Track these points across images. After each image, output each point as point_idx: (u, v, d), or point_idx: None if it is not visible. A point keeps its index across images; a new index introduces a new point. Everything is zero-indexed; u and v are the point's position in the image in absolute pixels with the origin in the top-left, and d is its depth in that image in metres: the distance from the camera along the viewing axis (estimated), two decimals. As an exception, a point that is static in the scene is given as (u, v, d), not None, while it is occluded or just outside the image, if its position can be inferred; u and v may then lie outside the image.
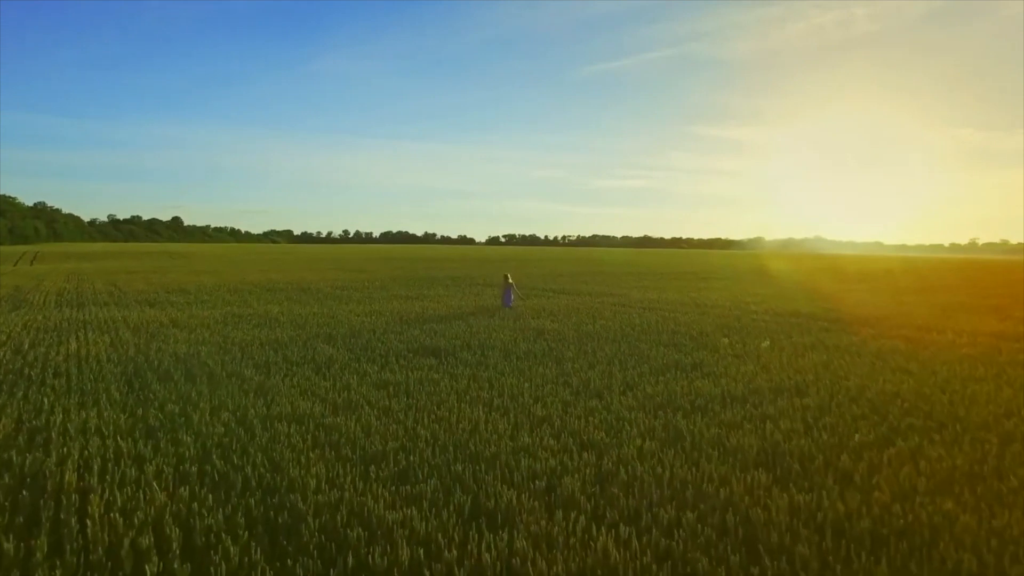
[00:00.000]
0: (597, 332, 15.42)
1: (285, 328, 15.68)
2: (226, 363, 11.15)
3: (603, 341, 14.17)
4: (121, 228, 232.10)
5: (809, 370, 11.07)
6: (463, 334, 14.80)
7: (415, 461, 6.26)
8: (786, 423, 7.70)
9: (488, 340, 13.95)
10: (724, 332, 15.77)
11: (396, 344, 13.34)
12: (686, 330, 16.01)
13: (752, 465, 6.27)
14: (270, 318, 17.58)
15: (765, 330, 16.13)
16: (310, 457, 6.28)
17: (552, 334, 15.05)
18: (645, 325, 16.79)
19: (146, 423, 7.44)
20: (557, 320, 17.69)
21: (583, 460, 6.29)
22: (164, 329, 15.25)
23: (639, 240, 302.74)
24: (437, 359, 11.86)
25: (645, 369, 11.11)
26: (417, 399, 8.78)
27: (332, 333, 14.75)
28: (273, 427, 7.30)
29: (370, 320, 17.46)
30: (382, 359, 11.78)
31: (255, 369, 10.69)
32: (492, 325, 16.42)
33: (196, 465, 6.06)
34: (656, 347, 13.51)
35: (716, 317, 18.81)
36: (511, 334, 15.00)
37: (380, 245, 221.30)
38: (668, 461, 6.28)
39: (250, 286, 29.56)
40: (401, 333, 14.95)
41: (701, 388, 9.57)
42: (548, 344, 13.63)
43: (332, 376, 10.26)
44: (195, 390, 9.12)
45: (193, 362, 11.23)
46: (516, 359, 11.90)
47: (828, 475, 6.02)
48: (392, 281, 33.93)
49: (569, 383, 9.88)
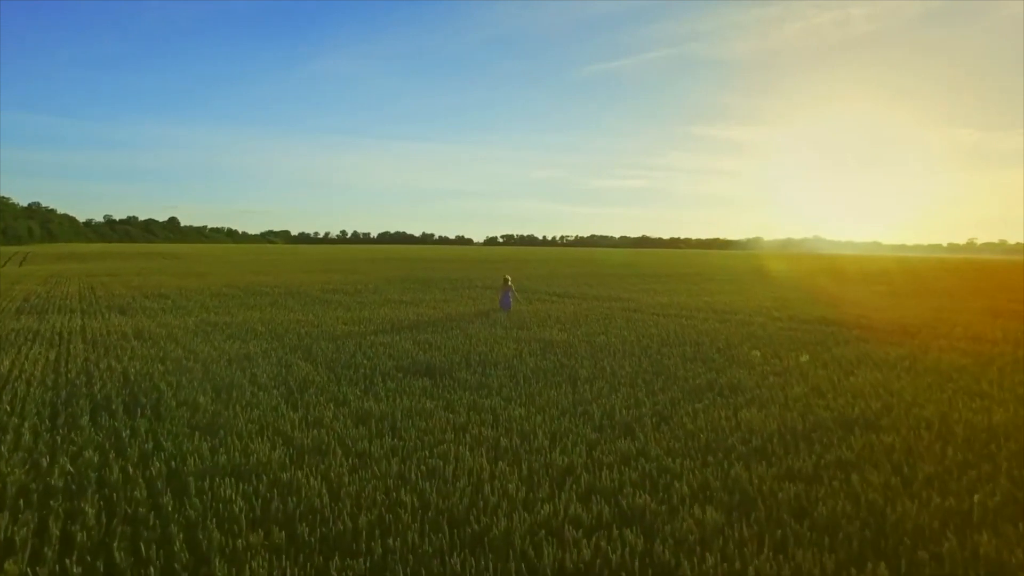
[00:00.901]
0: (612, 344, 13.72)
1: (261, 340, 13.95)
2: (181, 387, 9.44)
3: (620, 355, 12.47)
4: (117, 228, 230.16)
5: (869, 393, 9.39)
6: (462, 347, 13.09)
7: (395, 547, 4.54)
8: (876, 475, 6.01)
9: (490, 355, 12.25)
10: (752, 343, 14.08)
11: (384, 360, 11.63)
12: (710, 341, 14.32)
13: (858, 552, 4.57)
14: (247, 327, 15.85)
15: (798, 341, 14.44)
16: (248, 542, 4.56)
17: (561, 346, 13.35)
18: (663, 335, 15.10)
19: (45, 482, 5.71)
20: (565, 329, 15.99)
21: (626, 544, 4.58)
22: (124, 342, 13.52)
23: (637, 240, 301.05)
24: (431, 380, 10.15)
25: (676, 392, 9.41)
26: (404, 439, 7.08)
27: (313, 347, 13.02)
28: (212, 487, 5.58)
29: (358, 329, 15.75)
30: (366, 380, 10.07)
31: (213, 395, 8.97)
32: (494, 336, 14.71)
33: (80, 565, 4.34)
34: (682, 362, 11.82)
35: (738, 325, 17.12)
36: (515, 346, 13.30)
37: (378, 246, 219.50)
38: (741, 543, 4.59)
39: (235, 289, 27.83)
40: (391, 346, 13.24)
41: (751, 420, 7.88)
42: (558, 359, 11.94)
43: (304, 404, 8.55)
44: (131, 427, 7.40)
45: (142, 386, 9.51)
46: (523, 380, 10.19)
47: (974, 570, 4.32)
48: (387, 284, 32.21)
49: (589, 414, 8.18)
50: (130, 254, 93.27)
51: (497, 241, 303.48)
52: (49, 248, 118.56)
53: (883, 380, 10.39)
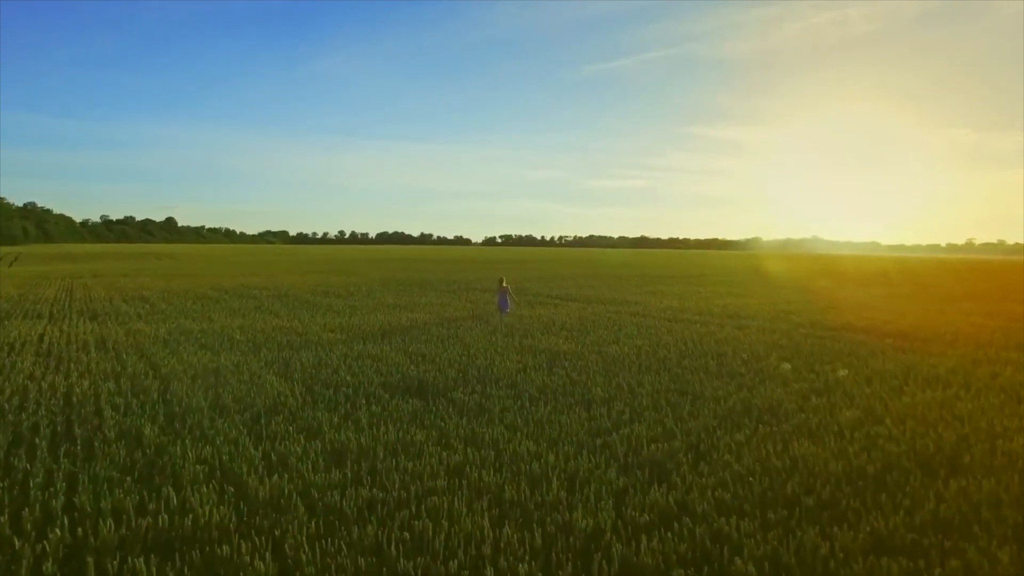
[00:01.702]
0: (625, 356, 12.36)
1: (236, 351, 12.57)
2: (129, 412, 8.06)
3: (636, 369, 11.11)
4: (114, 229, 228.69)
5: (934, 419, 8.03)
6: (458, 359, 11.73)
7: None
8: (987, 539, 4.65)
9: (490, 369, 10.88)
10: (780, 354, 12.73)
11: (371, 376, 10.25)
12: (732, 351, 12.97)
13: None
14: (224, 336, 14.47)
15: (829, 351, 13.09)
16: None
17: (570, 359, 11.98)
18: (680, 344, 13.74)
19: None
20: (572, 338, 14.62)
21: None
22: (81, 353, 12.13)
23: (636, 240, 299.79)
24: (423, 402, 8.78)
25: (708, 418, 8.05)
26: (386, 487, 5.71)
27: (292, 359, 11.64)
28: (120, 570, 4.20)
29: (346, 338, 14.37)
30: (348, 402, 8.69)
31: (164, 423, 7.60)
32: (494, 345, 13.34)
33: None
34: (707, 378, 10.47)
35: (758, 332, 15.77)
36: (518, 358, 11.94)
37: (375, 246, 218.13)
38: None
39: (221, 292, 26.44)
40: (380, 358, 11.87)
41: (807, 457, 6.52)
42: (567, 374, 10.57)
43: (270, 435, 7.17)
44: (46, 469, 6.02)
45: (83, 411, 8.12)
46: (529, 401, 8.83)
47: None
48: (382, 286, 30.83)
49: (611, 448, 6.82)
50: (124, 255, 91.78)
51: (496, 241, 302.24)
52: (42, 249, 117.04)
53: (941, 400, 9.04)
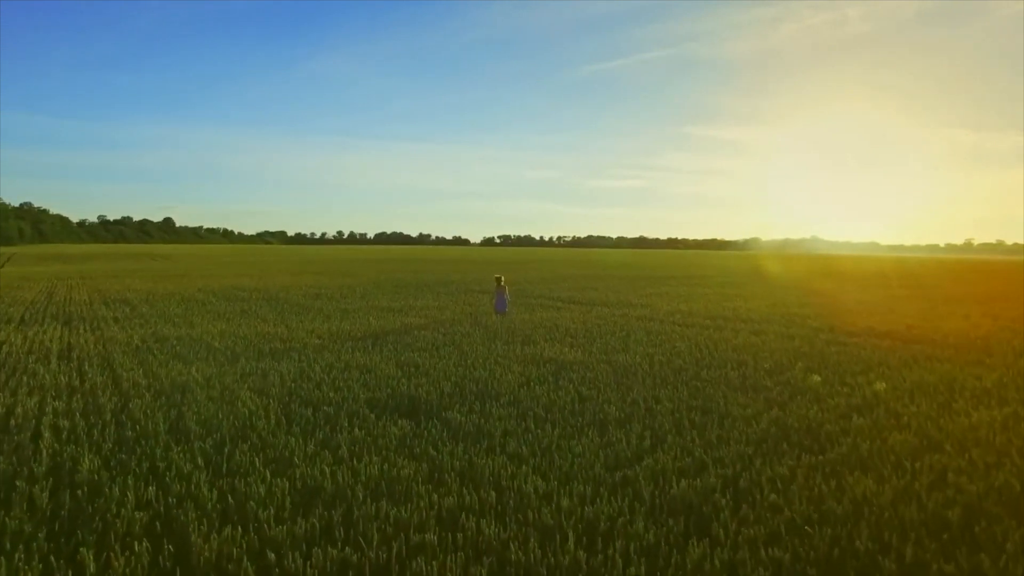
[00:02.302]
0: (637, 366, 11.29)
1: (211, 361, 11.49)
2: (70, 438, 6.97)
3: (651, 382, 10.04)
4: (111, 229, 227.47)
5: (1003, 445, 6.97)
6: (455, 371, 10.65)
7: None
8: None
9: (490, 382, 9.80)
10: (805, 363, 11.68)
11: (357, 391, 9.17)
12: (753, 360, 11.91)
13: None
14: (202, 344, 13.39)
15: (857, 359, 12.04)
16: None
17: (577, 369, 10.91)
18: (695, 352, 12.68)
19: None
20: (577, 345, 13.56)
21: None
22: (38, 364, 11.03)
23: (635, 241, 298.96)
24: (414, 423, 7.71)
25: (741, 443, 6.99)
26: (363, 546, 4.63)
27: (271, 371, 10.56)
28: None
29: (334, 345, 13.29)
30: (327, 424, 7.61)
31: (108, 454, 6.51)
32: (493, 354, 12.27)
33: None
34: (730, 392, 9.41)
35: (776, 338, 14.71)
36: (520, 369, 10.87)
37: (374, 246, 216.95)
38: None
39: (209, 294, 25.34)
40: (369, 369, 10.79)
41: (870, 496, 5.45)
42: (576, 389, 9.50)
43: (231, 470, 6.09)
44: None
45: (16, 439, 7.03)
46: (534, 423, 7.75)
47: None
48: (377, 287, 29.75)
49: (634, 486, 5.74)
50: (118, 255, 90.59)
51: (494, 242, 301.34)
52: (36, 249, 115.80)
53: (1002, 421, 7.98)
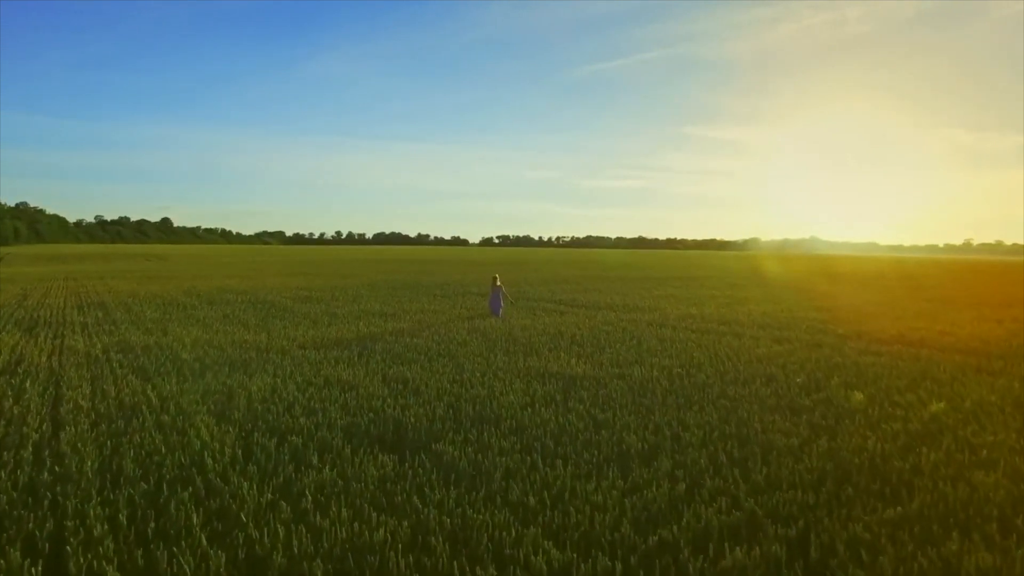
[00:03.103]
0: (656, 382, 10.00)
1: (174, 376, 10.19)
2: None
3: (673, 401, 8.76)
4: (108, 229, 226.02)
5: (1114, 489, 5.70)
6: (449, 388, 9.36)
7: None
8: None
9: (489, 403, 8.51)
10: (841, 377, 10.41)
11: (333, 415, 7.88)
12: (783, 373, 10.64)
13: None
14: (170, 354, 12.10)
15: (898, 372, 10.77)
16: None
17: (587, 386, 9.63)
18: (717, 364, 11.41)
19: None
20: (585, 355, 12.28)
21: None
22: (-23, 380, 9.74)
23: (634, 241, 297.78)
24: (396, 458, 6.42)
25: (796, 488, 5.70)
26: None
27: (239, 389, 9.25)
28: None
29: (316, 356, 12.00)
30: (293, 461, 6.32)
31: (7, 508, 5.22)
32: (493, 368, 10.98)
33: None
34: (765, 414, 8.14)
35: (802, 347, 13.44)
36: (524, 386, 9.58)
37: (371, 247, 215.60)
38: None
39: (193, 297, 24.03)
40: (352, 385, 9.50)
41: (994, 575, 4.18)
42: (587, 411, 8.21)
43: (155, 534, 4.80)
44: None
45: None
46: (540, 457, 6.46)
47: None
48: (370, 290, 28.45)
49: (674, 554, 4.46)
50: (112, 255, 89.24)
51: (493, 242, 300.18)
52: (30, 249, 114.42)
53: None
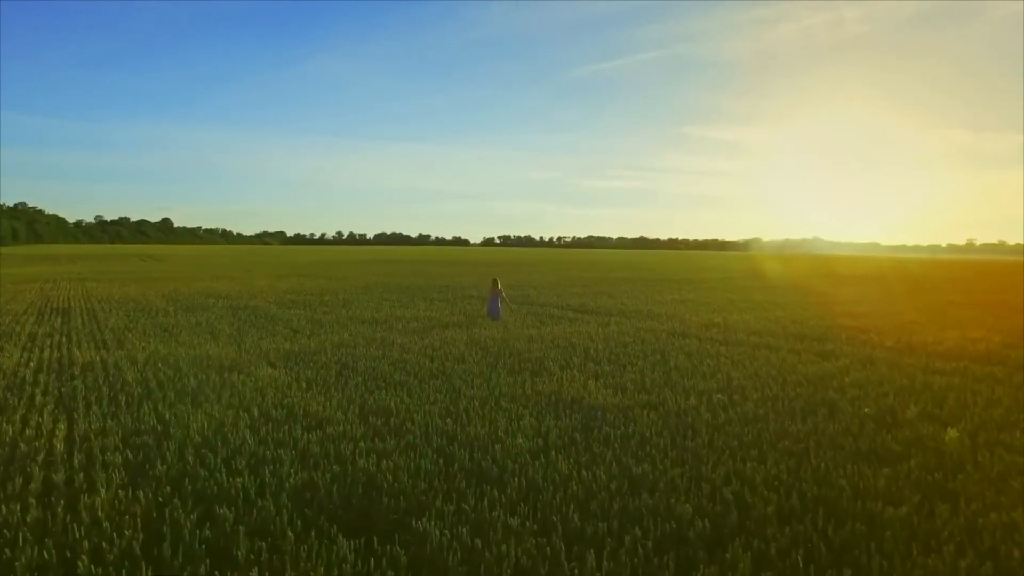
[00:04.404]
0: (696, 413, 8.16)
1: (101, 406, 8.35)
2: None
3: (723, 443, 6.92)
4: (108, 229, 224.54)
5: None
6: (440, 427, 7.52)
7: None
8: None
9: (488, 449, 6.67)
10: (915, 403, 8.57)
11: (287, 471, 6.03)
12: (845, 402, 8.81)
13: None
14: (112, 374, 10.30)
15: (985, 399, 8.93)
16: None
17: (613, 420, 7.79)
18: (763, 388, 9.58)
19: None
20: (604, 375, 10.45)
21: None
22: None
23: (635, 241, 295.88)
24: (362, 544, 4.59)
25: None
26: None
27: (177, 425, 7.41)
28: None
29: (286, 376, 10.17)
30: (211, 555, 4.50)
31: None
32: (494, 392, 9.14)
33: None
34: (847, 463, 6.30)
35: (854, 364, 11.61)
36: (532, 420, 7.74)
37: (372, 247, 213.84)
38: None
39: (170, 301, 22.22)
40: (318, 421, 7.66)
41: None
42: (618, 460, 6.37)
43: None
44: None
45: None
46: (562, 541, 4.63)
47: None
48: (364, 292, 26.64)
49: None
50: (107, 256, 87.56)
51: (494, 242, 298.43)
52: (25, 250, 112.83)
53: None
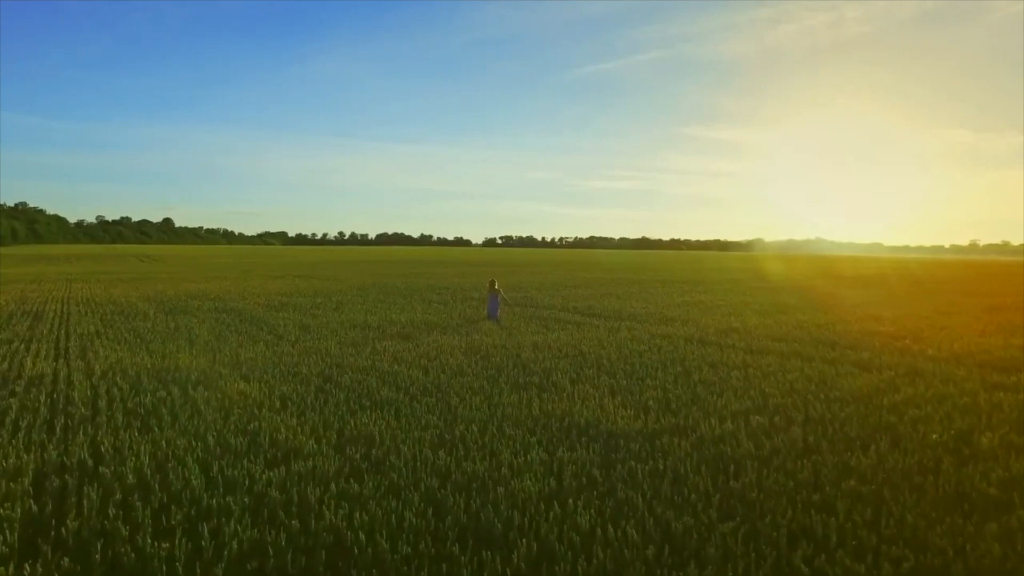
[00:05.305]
0: (735, 442, 6.85)
1: (36, 433, 7.07)
2: None
3: (776, 483, 5.61)
4: (109, 229, 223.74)
5: None
6: (431, 462, 6.21)
7: None
8: None
9: (489, 494, 5.36)
10: (989, 429, 7.26)
11: (225, 538, 4.74)
12: (902, 424, 7.49)
13: None
14: (56, 393, 9.02)
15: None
16: None
17: (638, 451, 6.48)
18: (804, 408, 8.27)
19: None
20: (621, 390, 9.14)
21: None
22: None
23: (638, 241, 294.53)
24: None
25: None
26: None
27: (108, 464, 6.12)
28: None
29: (257, 394, 8.88)
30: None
31: None
32: (496, 413, 7.83)
33: None
34: (934, 510, 4.99)
35: (899, 378, 10.29)
36: (540, 452, 6.44)
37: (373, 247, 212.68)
38: None
39: (152, 303, 20.95)
40: (283, 456, 6.37)
41: None
42: (649, 507, 5.06)
43: None
44: None
45: None
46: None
47: None
48: (359, 294, 25.35)
49: None
50: (105, 255, 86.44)
51: (496, 242, 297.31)
52: (22, 250, 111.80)
53: None
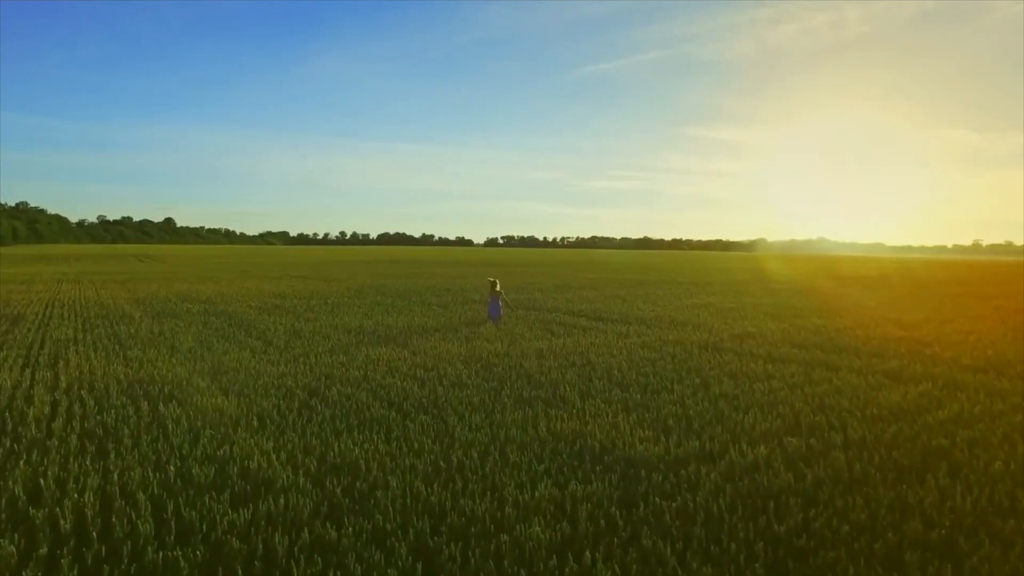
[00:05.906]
0: (770, 471, 5.99)
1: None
2: None
3: (826, 527, 4.74)
4: (110, 229, 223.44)
5: None
6: (423, 496, 5.35)
7: None
8: None
9: (491, 543, 4.49)
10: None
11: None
12: (955, 448, 6.63)
13: None
14: (20, 401, 8.17)
15: None
16: None
17: (662, 483, 5.62)
18: (842, 429, 7.41)
19: None
20: (636, 407, 8.28)
21: None
22: None
23: (639, 241, 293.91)
24: None
25: None
26: None
27: (65, 486, 5.27)
28: None
29: (234, 412, 8.03)
30: None
31: None
32: (499, 435, 6.98)
33: None
34: (1004, 553, 4.11)
35: (939, 391, 9.44)
36: (553, 488, 5.58)
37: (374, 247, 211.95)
38: None
39: (140, 305, 20.11)
40: (253, 491, 5.52)
41: None
42: (679, 555, 4.20)
43: None
44: None
45: None
46: None
47: None
48: (356, 296, 24.51)
49: None
50: (104, 255, 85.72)
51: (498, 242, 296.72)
52: (21, 250, 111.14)
53: None
